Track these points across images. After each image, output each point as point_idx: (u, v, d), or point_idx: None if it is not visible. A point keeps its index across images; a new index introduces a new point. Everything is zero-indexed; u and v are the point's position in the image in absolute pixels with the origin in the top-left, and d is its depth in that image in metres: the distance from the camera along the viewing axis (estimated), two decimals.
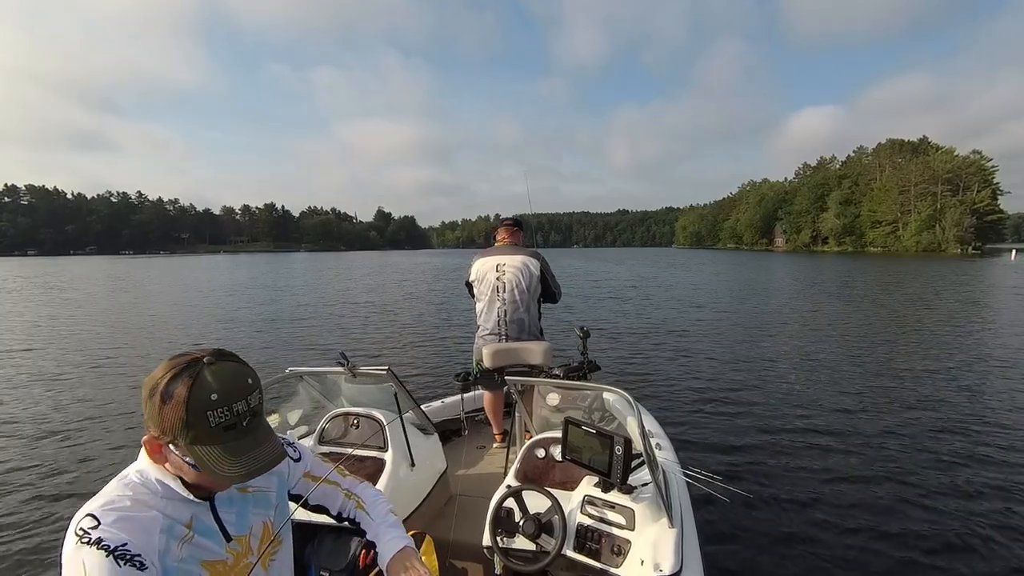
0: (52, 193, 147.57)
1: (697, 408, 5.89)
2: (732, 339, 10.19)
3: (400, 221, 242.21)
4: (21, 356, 9.23)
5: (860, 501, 3.76)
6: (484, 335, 3.29)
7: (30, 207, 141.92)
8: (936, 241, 71.67)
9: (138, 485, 0.92)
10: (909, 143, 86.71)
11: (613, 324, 12.28)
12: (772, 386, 6.80)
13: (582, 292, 20.23)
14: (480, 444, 3.50)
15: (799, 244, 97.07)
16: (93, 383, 7.35)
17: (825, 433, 5.08)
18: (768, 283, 24.24)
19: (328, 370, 2.35)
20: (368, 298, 18.75)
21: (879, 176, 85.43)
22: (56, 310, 16.09)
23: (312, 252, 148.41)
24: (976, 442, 4.77)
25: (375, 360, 8.50)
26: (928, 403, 5.92)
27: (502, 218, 3.53)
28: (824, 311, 14.20)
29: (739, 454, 4.62)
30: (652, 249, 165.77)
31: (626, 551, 1.69)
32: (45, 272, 42.15)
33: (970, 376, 7.08)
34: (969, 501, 3.72)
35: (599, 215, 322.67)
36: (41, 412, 6.06)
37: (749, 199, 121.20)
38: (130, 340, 10.78)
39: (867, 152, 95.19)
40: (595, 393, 2.13)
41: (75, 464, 4.61)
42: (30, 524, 3.61)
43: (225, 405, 0.87)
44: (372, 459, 2.24)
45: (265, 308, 16.07)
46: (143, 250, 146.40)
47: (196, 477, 0.93)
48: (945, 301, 15.85)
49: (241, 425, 0.90)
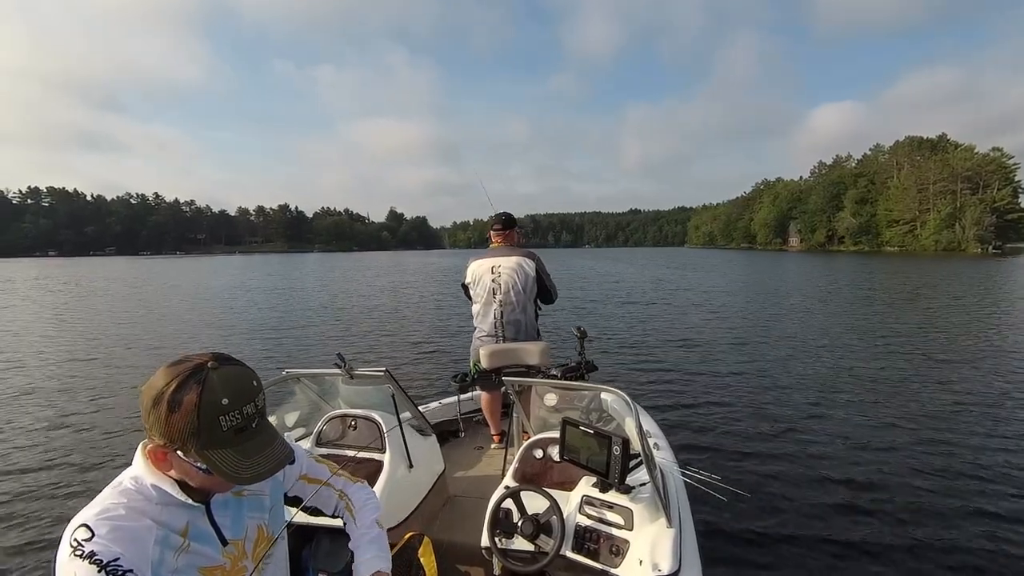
0: (72, 195, 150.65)
1: (695, 408, 5.88)
2: (732, 339, 10.14)
3: (412, 222, 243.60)
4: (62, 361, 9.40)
5: (859, 501, 3.75)
6: (481, 336, 3.29)
7: (50, 208, 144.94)
8: (956, 240, 70.39)
9: (133, 492, 0.91)
10: (928, 141, 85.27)
11: (612, 324, 12.29)
12: (771, 386, 6.77)
13: (583, 292, 20.18)
14: (478, 445, 3.50)
15: (814, 244, 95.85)
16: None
17: (824, 433, 5.06)
18: (775, 283, 24.02)
19: (325, 372, 2.36)
20: (368, 299, 18.84)
21: (896, 174, 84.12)
22: (113, 310, 16.39)
23: (325, 253, 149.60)
24: (983, 445, 4.70)
25: (372, 362, 8.56)
26: (931, 406, 5.82)
27: (491, 218, 3.50)
28: (830, 311, 14.05)
29: (737, 454, 4.61)
30: (664, 249, 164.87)
31: (624, 551, 1.69)
32: (86, 273, 42.95)
33: (985, 378, 6.94)
34: (974, 504, 3.67)
35: (610, 215, 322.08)
36: (58, 407, 6.20)
37: (763, 198, 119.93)
38: (135, 341, 10.97)
39: (884, 150, 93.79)
40: (593, 393, 2.12)
41: (78, 464, 4.70)
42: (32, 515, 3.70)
43: (236, 409, 0.88)
44: (370, 461, 2.24)
45: (268, 310, 16.25)
46: (160, 251, 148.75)
47: (204, 481, 0.93)
48: (968, 301, 15.57)
49: (251, 427, 0.91)
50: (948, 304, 14.94)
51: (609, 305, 16.26)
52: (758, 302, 16.52)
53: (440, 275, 33.42)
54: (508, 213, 3.46)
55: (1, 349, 10.04)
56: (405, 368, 8.02)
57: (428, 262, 57.85)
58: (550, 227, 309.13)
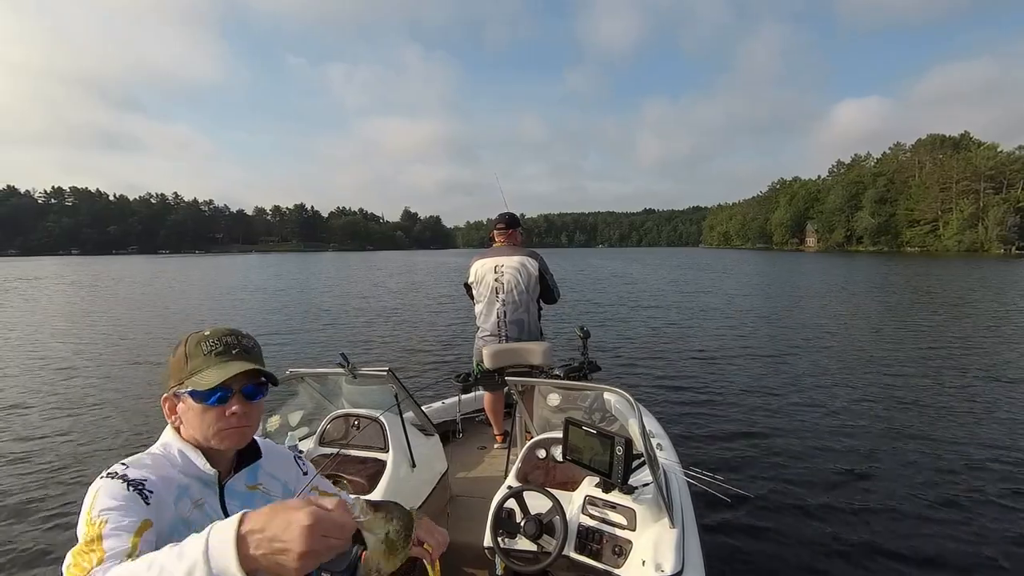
0: (95, 195, 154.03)
1: (698, 409, 5.86)
2: (735, 340, 10.07)
3: (426, 221, 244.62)
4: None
5: (862, 501, 3.72)
6: (484, 336, 3.30)
7: (73, 208, 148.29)
8: (978, 241, 68.86)
9: (160, 456, 1.00)
10: (950, 139, 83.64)
11: (614, 324, 12.27)
12: (774, 387, 6.73)
13: (589, 291, 20.13)
14: (481, 445, 3.50)
15: (832, 244, 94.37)
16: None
17: (827, 434, 5.03)
18: (789, 284, 23.72)
19: (329, 371, 2.37)
20: (375, 300, 18.90)
21: (918, 173, 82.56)
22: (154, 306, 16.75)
23: (340, 252, 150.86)
24: (989, 449, 4.61)
25: (375, 361, 8.63)
26: (949, 416, 5.64)
27: (494, 219, 3.52)
28: (836, 312, 13.87)
29: (740, 454, 4.60)
30: (677, 249, 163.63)
31: (627, 551, 1.69)
32: (111, 271, 43.85)
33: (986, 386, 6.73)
34: (979, 507, 3.63)
35: (624, 214, 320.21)
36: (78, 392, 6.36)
37: (780, 198, 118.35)
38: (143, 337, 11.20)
39: (905, 149, 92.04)
40: (595, 393, 2.12)
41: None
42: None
43: (215, 337, 1.02)
44: (373, 460, 2.26)
45: (275, 310, 16.44)
46: (179, 249, 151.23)
47: (201, 425, 0.99)
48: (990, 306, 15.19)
49: (231, 353, 1.01)
50: (978, 310, 14.52)
51: (614, 305, 16.23)
52: (766, 302, 16.38)
53: (450, 275, 33.49)
54: (511, 213, 3.48)
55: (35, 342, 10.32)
56: (408, 368, 8.06)
57: (440, 262, 58.11)
58: (563, 227, 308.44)
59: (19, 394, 6.80)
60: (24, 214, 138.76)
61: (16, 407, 6.23)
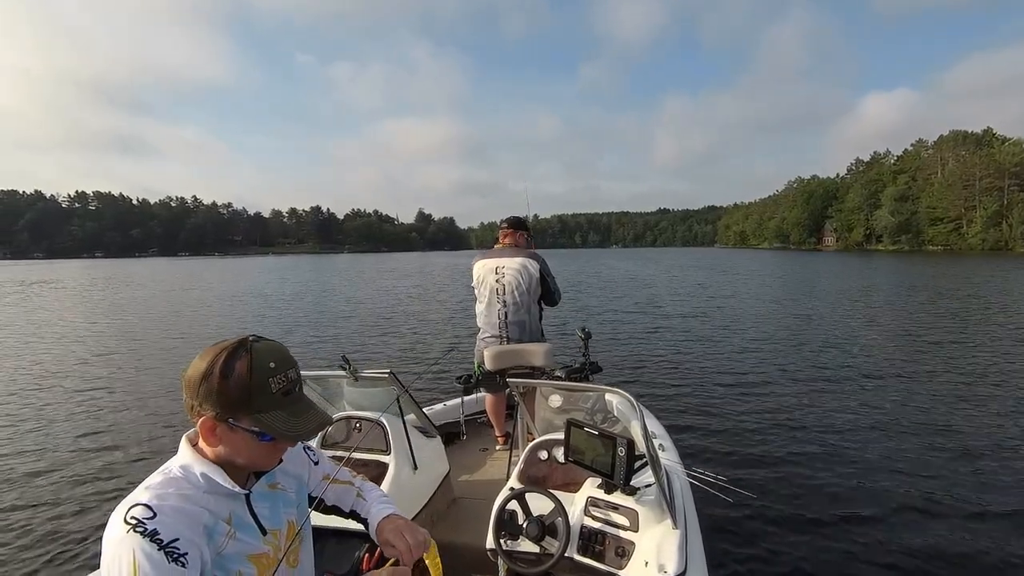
0: (118, 199, 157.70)
1: (700, 409, 5.83)
2: (737, 340, 9.98)
3: (440, 222, 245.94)
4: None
5: (866, 502, 3.69)
6: (485, 337, 3.30)
7: (97, 212, 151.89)
8: (1003, 239, 67.16)
9: (181, 480, 0.95)
10: (973, 135, 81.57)
11: (616, 324, 12.23)
12: (777, 387, 6.68)
13: (591, 291, 20.09)
14: (482, 446, 3.51)
15: (850, 243, 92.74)
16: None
17: (831, 433, 4.99)
18: (803, 284, 23.39)
19: (330, 374, 2.38)
20: (381, 302, 18.96)
21: (940, 170, 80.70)
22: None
23: (355, 254, 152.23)
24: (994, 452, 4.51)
25: (375, 362, 8.69)
26: (949, 415, 5.53)
27: (501, 220, 3.54)
28: (843, 313, 13.63)
29: (742, 455, 4.57)
30: (692, 249, 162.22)
31: (630, 553, 1.68)
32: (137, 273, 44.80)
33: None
34: (982, 509, 3.59)
35: (638, 214, 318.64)
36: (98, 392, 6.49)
37: (797, 196, 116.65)
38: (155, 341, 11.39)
39: (927, 145, 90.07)
40: (597, 394, 2.11)
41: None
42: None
43: (282, 372, 0.97)
44: (375, 462, 2.26)
45: (283, 312, 16.63)
46: (199, 252, 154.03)
47: (251, 454, 0.99)
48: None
49: (295, 391, 1.00)
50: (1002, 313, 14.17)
51: (614, 305, 16.18)
52: (773, 302, 16.19)
53: (460, 277, 33.55)
54: (518, 216, 3.51)
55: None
56: (410, 370, 8.10)
57: (452, 263, 58.24)
58: (577, 227, 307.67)
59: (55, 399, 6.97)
60: (49, 218, 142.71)
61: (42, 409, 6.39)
